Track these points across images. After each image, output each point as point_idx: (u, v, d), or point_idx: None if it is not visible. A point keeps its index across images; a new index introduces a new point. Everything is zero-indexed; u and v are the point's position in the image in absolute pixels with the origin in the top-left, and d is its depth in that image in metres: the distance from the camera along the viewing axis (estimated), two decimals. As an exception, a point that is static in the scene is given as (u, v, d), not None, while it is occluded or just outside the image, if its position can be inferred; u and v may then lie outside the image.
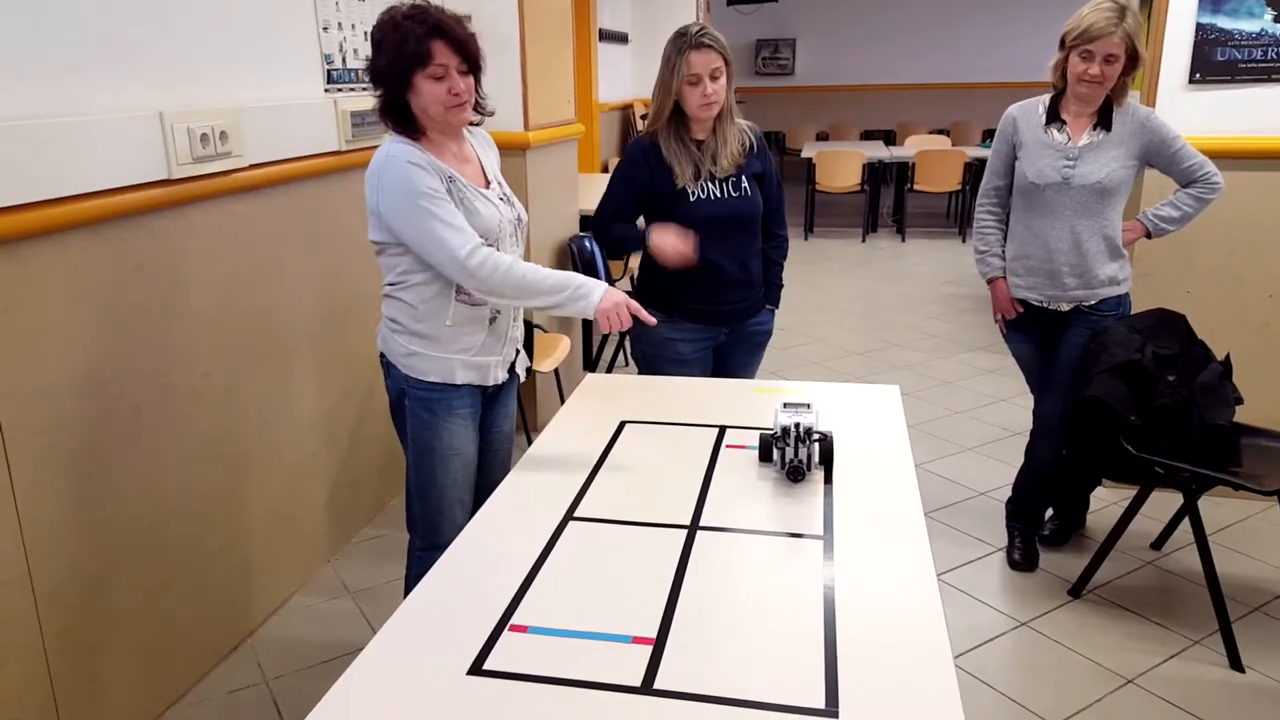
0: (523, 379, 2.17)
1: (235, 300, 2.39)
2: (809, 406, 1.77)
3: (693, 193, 2.38)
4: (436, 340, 1.93)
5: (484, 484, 2.05)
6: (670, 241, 2.31)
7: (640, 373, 2.57)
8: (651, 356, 2.54)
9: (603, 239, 2.55)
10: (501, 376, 2.05)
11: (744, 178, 2.43)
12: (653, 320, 1.89)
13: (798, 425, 1.70)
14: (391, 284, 1.94)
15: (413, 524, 2.08)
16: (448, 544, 1.53)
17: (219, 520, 2.40)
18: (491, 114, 2.01)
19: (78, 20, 1.90)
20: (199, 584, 2.35)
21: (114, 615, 2.08)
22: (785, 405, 1.77)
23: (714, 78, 2.29)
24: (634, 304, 1.87)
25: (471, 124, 1.99)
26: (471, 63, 1.84)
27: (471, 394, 2.00)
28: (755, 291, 2.56)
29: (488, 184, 1.99)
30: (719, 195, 2.40)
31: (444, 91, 1.81)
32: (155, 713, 2.23)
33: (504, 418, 2.16)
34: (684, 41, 2.29)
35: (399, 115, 1.85)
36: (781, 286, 2.64)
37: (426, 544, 2.03)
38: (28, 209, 1.77)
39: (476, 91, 1.90)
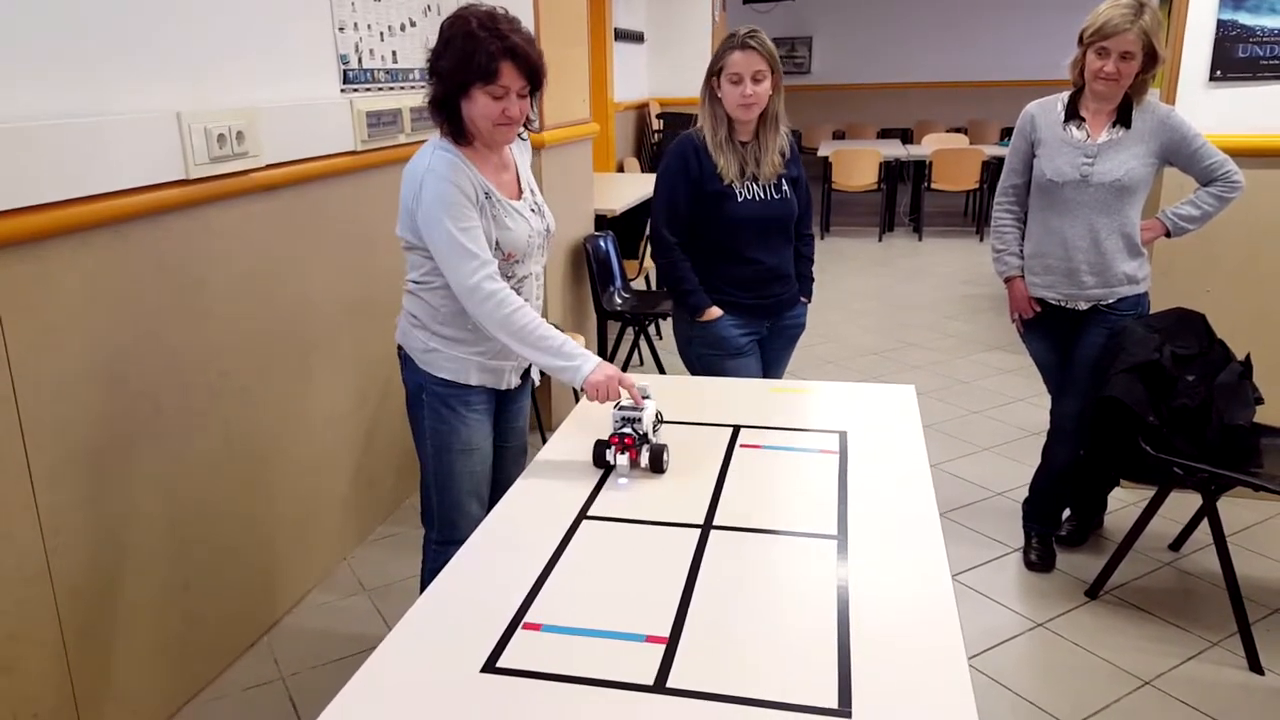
0: (537, 384, 2.18)
1: (253, 299, 2.41)
2: (641, 410, 1.76)
3: (739, 192, 2.43)
4: (455, 340, 1.95)
5: (499, 480, 2.08)
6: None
7: (694, 374, 2.60)
8: (706, 356, 2.57)
9: (667, 259, 2.51)
10: (514, 382, 2.07)
11: (784, 181, 2.50)
12: (641, 398, 1.81)
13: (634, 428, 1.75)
14: (416, 282, 1.95)
15: (428, 518, 2.09)
16: (464, 539, 1.54)
17: (237, 518, 2.42)
18: (537, 131, 2.04)
19: (96, 22, 1.91)
20: (216, 581, 2.36)
21: (132, 611, 2.10)
22: (619, 407, 1.77)
23: (756, 80, 2.32)
24: (627, 379, 1.82)
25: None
26: (535, 86, 1.85)
27: (487, 392, 2.02)
28: (791, 285, 2.64)
29: (520, 193, 1.99)
30: (763, 197, 2.47)
31: (498, 111, 1.81)
32: (173, 708, 2.25)
33: (518, 414, 2.18)
34: (731, 41, 2.34)
35: (449, 115, 1.85)
36: (813, 280, 2.73)
37: (443, 538, 2.05)
38: (48, 209, 1.79)
39: (531, 108, 1.90)
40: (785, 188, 2.50)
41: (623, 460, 1.74)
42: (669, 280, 2.56)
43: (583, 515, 1.61)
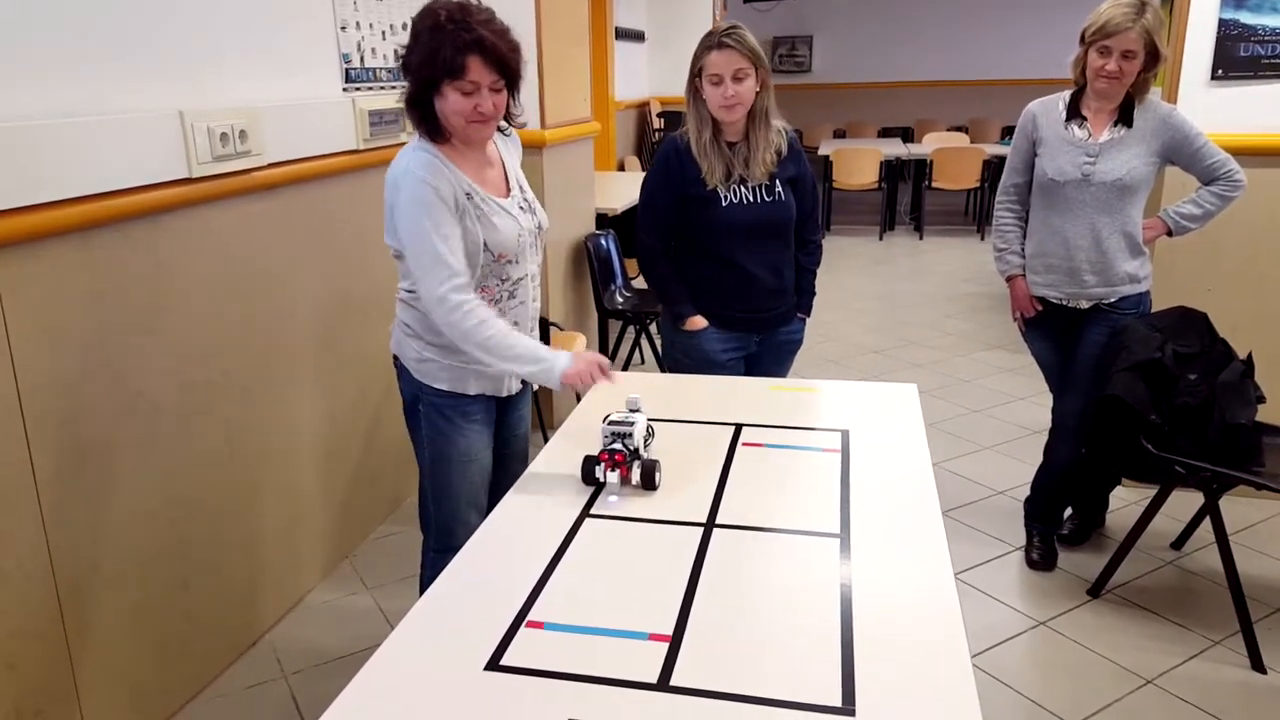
0: (536, 387, 2.15)
1: (254, 298, 2.41)
2: (632, 424, 1.70)
3: (724, 196, 2.33)
4: (450, 349, 1.89)
5: (501, 482, 2.05)
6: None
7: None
8: (684, 364, 2.50)
9: (650, 265, 2.46)
10: (515, 387, 2.04)
11: (777, 182, 2.38)
12: (617, 381, 1.75)
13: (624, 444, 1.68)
14: (410, 291, 1.91)
15: (426, 526, 2.08)
16: (461, 546, 1.52)
17: (238, 517, 2.42)
18: (522, 126, 1.98)
19: (96, 22, 1.91)
20: (218, 580, 2.37)
21: (134, 609, 2.10)
22: (609, 421, 1.72)
23: (737, 79, 2.22)
24: (604, 361, 1.78)
25: (499, 131, 1.95)
26: (509, 80, 1.79)
27: (485, 401, 1.99)
28: (788, 299, 2.53)
29: (508, 190, 1.94)
30: (751, 200, 2.35)
31: (469, 107, 1.74)
32: (175, 707, 2.25)
33: (519, 419, 2.15)
34: (709, 41, 2.26)
35: (424, 113, 1.80)
36: (814, 294, 2.60)
37: (441, 546, 2.02)
38: (50, 207, 1.79)
39: (512, 102, 1.85)
40: (780, 189, 2.37)
41: (613, 478, 1.67)
42: (653, 286, 2.49)
43: (585, 513, 1.61)
